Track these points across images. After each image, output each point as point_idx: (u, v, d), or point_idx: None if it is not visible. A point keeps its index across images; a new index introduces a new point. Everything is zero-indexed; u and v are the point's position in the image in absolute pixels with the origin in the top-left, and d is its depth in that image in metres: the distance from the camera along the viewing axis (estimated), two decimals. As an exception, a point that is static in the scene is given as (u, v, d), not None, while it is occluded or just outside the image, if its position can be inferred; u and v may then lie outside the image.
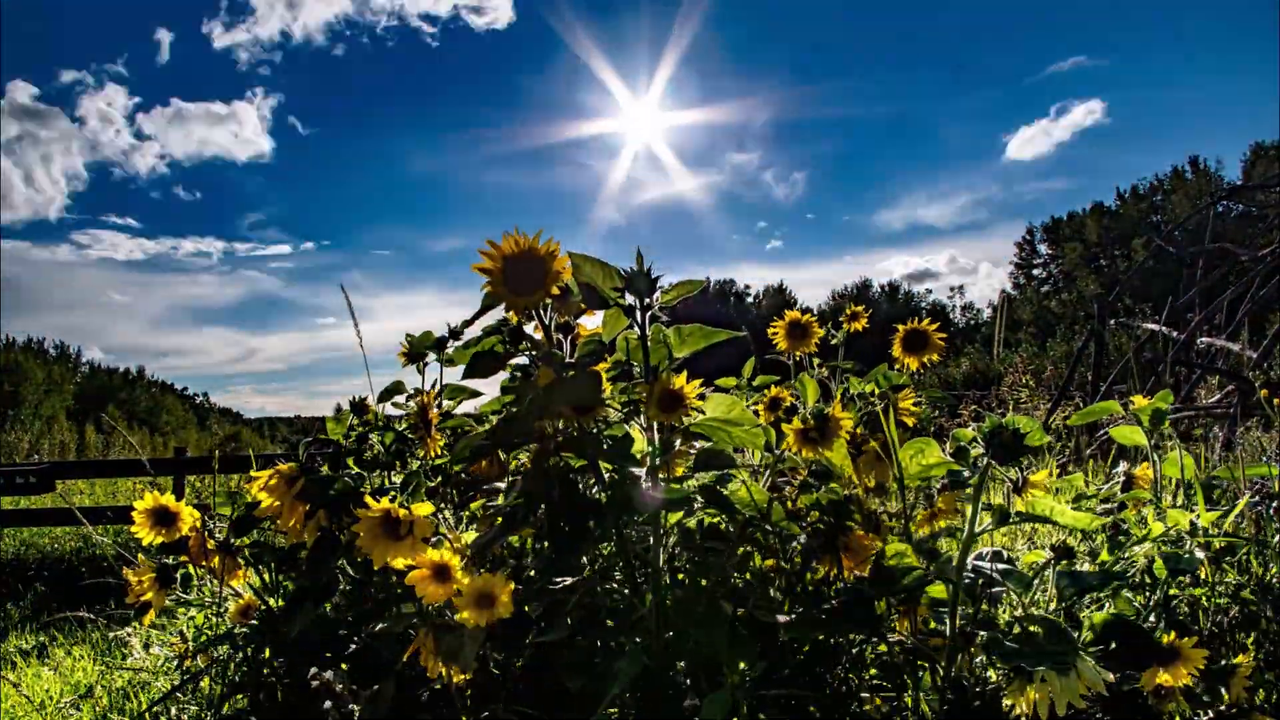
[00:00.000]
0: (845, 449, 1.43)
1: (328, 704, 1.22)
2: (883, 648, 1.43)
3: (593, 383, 1.30)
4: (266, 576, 1.57)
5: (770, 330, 1.69)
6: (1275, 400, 2.63)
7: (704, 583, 1.37)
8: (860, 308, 1.77)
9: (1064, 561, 1.37)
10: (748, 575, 1.46)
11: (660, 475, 1.32)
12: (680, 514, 1.38)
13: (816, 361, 1.71)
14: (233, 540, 1.55)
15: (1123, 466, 1.88)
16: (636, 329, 1.32)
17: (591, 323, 1.42)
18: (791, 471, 1.58)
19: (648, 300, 1.28)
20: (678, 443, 1.39)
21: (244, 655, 1.50)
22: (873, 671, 1.45)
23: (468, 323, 1.55)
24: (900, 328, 1.60)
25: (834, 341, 1.72)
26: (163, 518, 1.47)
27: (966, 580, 1.30)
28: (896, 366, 1.59)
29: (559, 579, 1.32)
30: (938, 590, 1.35)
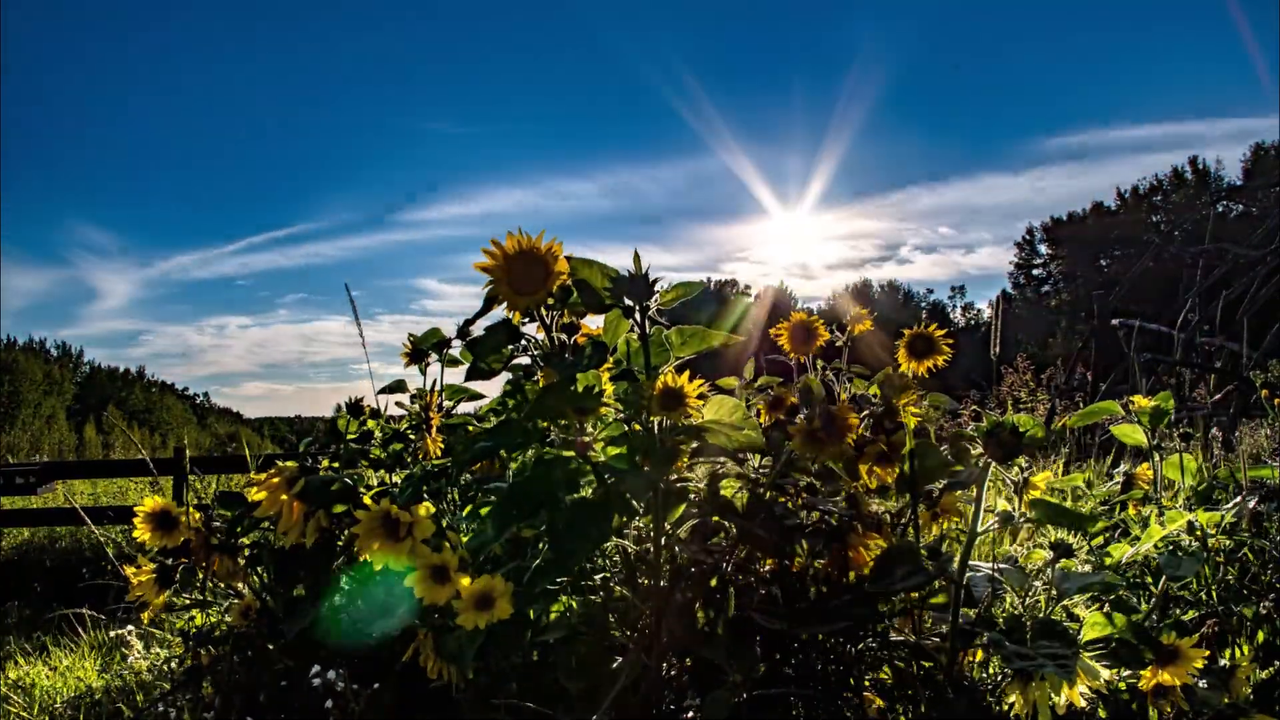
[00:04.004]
0: (849, 450, 1.43)
1: (329, 703, 1.23)
2: (885, 648, 1.43)
3: (590, 386, 1.30)
4: (266, 577, 1.57)
5: (773, 331, 1.68)
6: (1276, 400, 2.63)
7: (703, 582, 1.37)
8: (865, 310, 1.76)
9: (1064, 561, 1.37)
10: (749, 577, 1.46)
11: (661, 475, 1.32)
12: (681, 509, 1.38)
13: (820, 364, 1.71)
14: (232, 541, 1.55)
15: (1123, 466, 1.88)
16: (636, 330, 1.32)
17: (595, 323, 1.43)
18: (796, 471, 1.57)
19: (646, 302, 1.28)
20: (678, 443, 1.39)
21: (245, 655, 1.50)
22: (881, 673, 1.45)
23: (469, 322, 1.55)
24: (905, 333, 1.59)
25: (838, 344, 1.72)
26: (164, 521, 1.48)
27: (967, 580, 1.30)
28: (901, 371, 1.58)
29: (559, 579, 1.32)
30: (940, 591, 1.35)
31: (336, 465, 1.66)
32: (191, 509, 1.51)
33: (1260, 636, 1.49)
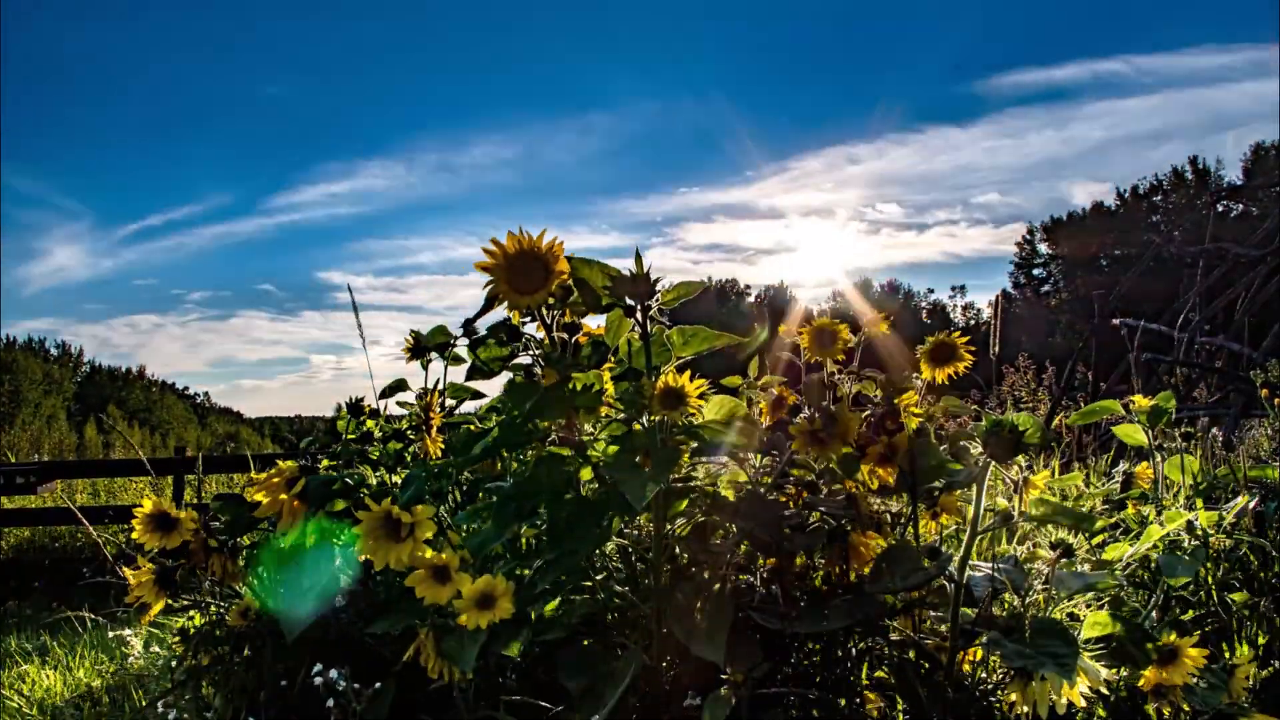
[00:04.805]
0: (850, 450, 1.43)
1: (330, 703, 1.23)
2: (885, 647, 1.43)
3: (591, 385, 1.30)
4: (267, 577, 1.57)
5: (795, 332, 1.67)
6: (1276, 400, 2.63)
7: (705, 582, 1.37)
8: (881, 313, 1.75)
9: (1065, 560, 1.38)
10: (750, 576, 1.46)
11: (661, 475, 1.31)
12: (681, 508, 1.38)
13: (826, 364, 1.70)
14: (232, 542, 1.55)
15: (1123, 465, 1.88)
16: (638, 330, 1.32)
17: (597, 323, 1.43)
18: (798, 470, 1.57)
19: (648, 302, 1.29)
20: (679, 443, 1.39)
21: (246, 655, 1.50)
22: (880, 673, 1.45)
23: (472, 320, 1.55)
24: (928, 339, 1.58)
25: (850, 345, 1.71)
26: (163, 523, 1.48)
27: (967, 580, 1.30)
28: (921, 378, 1.57)
29: (560, 578, 1.32)
30: (940, 591, 1.35)
31: (336, 465, 1.66)
32: (190, 510, 1.51)
33: (1261, 638, 1.49)
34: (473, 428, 1.62)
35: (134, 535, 1.45)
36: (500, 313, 1.37)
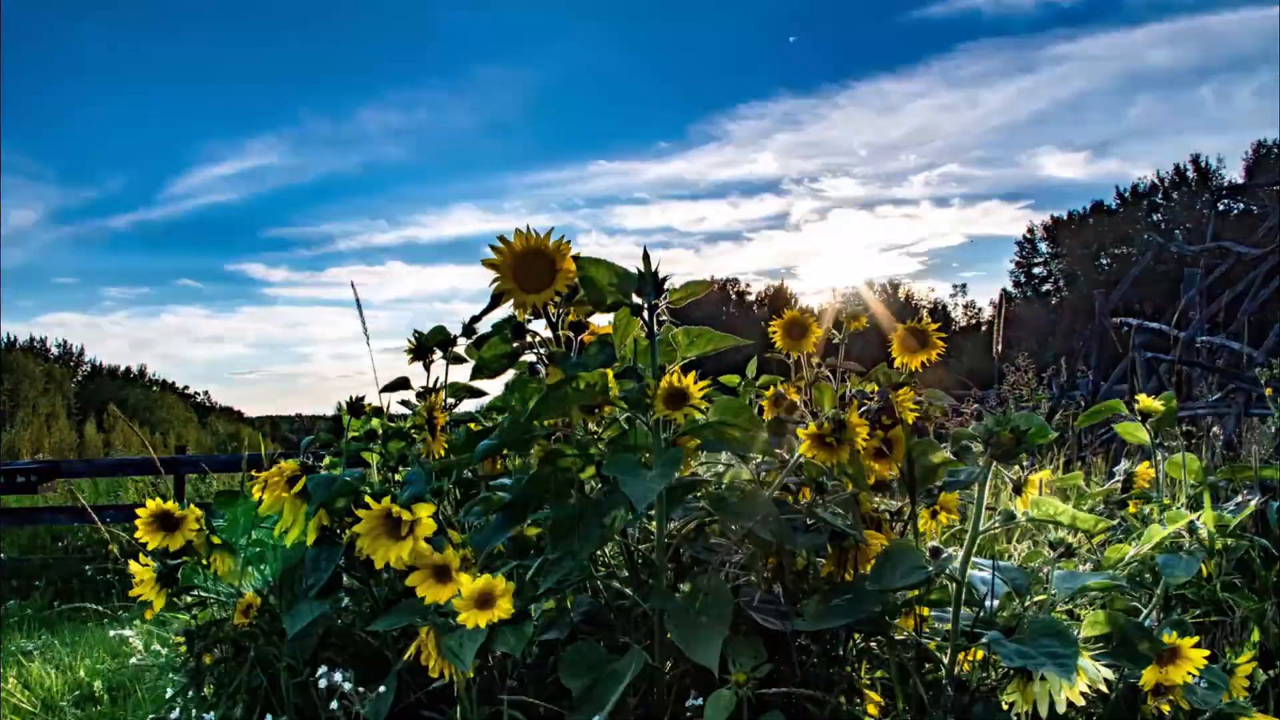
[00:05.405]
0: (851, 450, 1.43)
1: (334, 704, 1.23)
2: (886, 647, 1.43)
3: (595, 384, 1.30)
4: (269, 575, 1.57)
5: (770, 329, 1.69)
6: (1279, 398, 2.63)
7: (705, 581, 1.37)
8: (861, 309, 1.76)
9: (1066, 560, 1.38)
10: (752, 575, 1.46)
11: (664, 475, 1.32)
12: (687, 497, 1.38)
13: (815, 360, 1.71)
14: (233, 540, 1.55)
15: (1124, 465, 1.88)
16: (643, 329, 1.32)
17: (602, 322, 1.43)
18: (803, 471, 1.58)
19: (655, 301, 1.29)
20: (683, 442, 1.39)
21: (247, 654, 1.50)
22: (880, 673, 1.46)
23: (475, 319, 1.55)
24: (899, 327, 1.59)
25: (835, 341, 1.72)
26: (165, 522, 1.48)
27: (968, 580, 1.30)
28: (896, 366, 1.59)
29: (562, 578, 1.33)
30: (941, 590, 1.36)
31: (337, 463, 1.66)
32: (194, 507, 1.51)
33: (1254, 635, 1.49)
34: (474, 426, 1.63)
35: (136, 534, 1.46)
36: (498, 314, 1.38)
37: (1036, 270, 44.54)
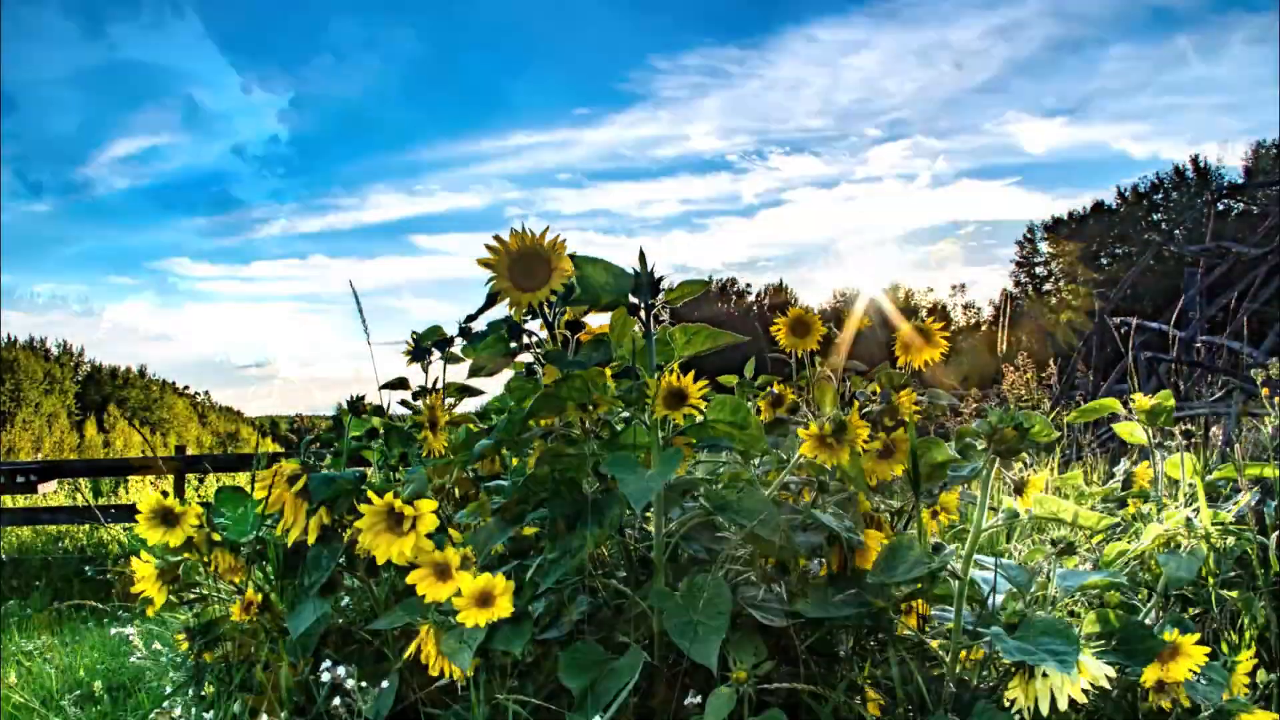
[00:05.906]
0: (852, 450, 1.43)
1: (336, 701, 1.23)
2: (887, 645, 1.43)
3: (592, 383, 1.30)
4: (270, 573, 1.57)
5: (773, 327, 1.69)
6: (1276, 398, 2.63)
7: (704, 580, 1.37)
8: (864, 311, 1.76)
9: (1066, 558, 1.38)
10: (752, 573, 1.46)
11: (663, 474, 1.32)
12: (685, 496, 1.38)
13: (819, 361, 1.71)
14: (235, 537, 1.55)
15: (1123, 464, 1.88)
16: (641, 328, 1.32)
17: (600, 321, 1.43)
18: (803, 470, 1.58)
19: (652, 300, 1.29)
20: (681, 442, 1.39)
21: (249, 652, 1.50)
22: (881, 671, 1.46)
23: (471, 318, 1.55)
24: (902, 326, 1.59)
25: (836, 340, 1.72)
26: (166, 518, 1.48)
27: (971, 577, 1.30)
28: (899, 365, 1.59)
29: (561, 576, 1.32)
30: (943, 587, 1.36)
31: (338, 462, 1.66)
32: (195, 504, 1.51)
33: (1250, 631, 1.49)
34: (472, 426, 1.63)
35: (137, 530, 1.46)
36: (504, 310, 1.37)
37: (1037, 270, 44.55)
